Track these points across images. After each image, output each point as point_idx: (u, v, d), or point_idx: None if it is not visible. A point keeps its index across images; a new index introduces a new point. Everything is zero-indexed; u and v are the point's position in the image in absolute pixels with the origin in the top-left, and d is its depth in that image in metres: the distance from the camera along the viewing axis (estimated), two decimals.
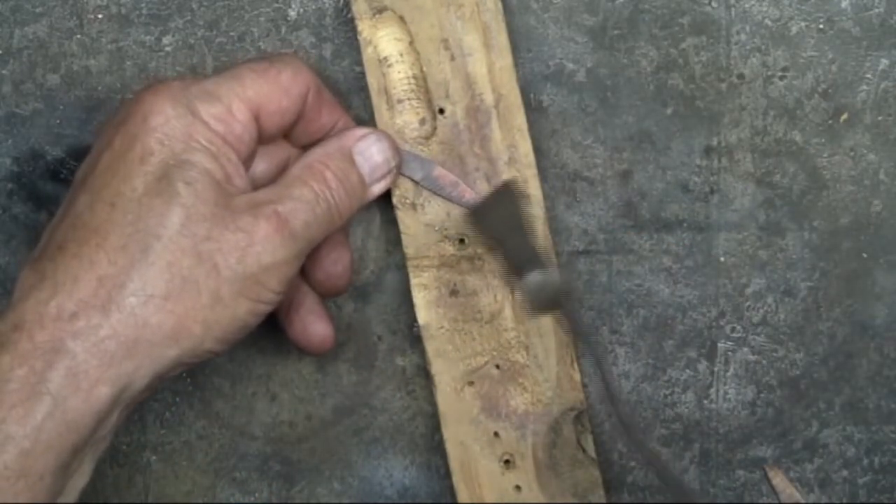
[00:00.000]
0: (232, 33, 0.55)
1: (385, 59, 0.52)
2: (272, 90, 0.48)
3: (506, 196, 0.53)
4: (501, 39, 0.52)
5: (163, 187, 0.45)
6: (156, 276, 0.44)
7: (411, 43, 0.52)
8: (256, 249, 0.46)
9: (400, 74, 0.53)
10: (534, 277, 0.47)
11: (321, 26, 0.55)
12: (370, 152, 0.51)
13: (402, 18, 0.52)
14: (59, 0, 0.55)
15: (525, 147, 0.53)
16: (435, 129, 0.53)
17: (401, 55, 0.52)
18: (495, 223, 0.52)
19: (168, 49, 0.55)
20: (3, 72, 0.55)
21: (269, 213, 0.46)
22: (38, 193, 0.56)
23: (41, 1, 0.55)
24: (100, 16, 0.55)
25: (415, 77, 0.53)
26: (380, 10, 0.52)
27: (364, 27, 0.52)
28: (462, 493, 0.55)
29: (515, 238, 0.51)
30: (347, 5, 0.54)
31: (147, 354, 0.45)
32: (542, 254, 0.51)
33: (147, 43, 0.55)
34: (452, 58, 0.52)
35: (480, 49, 0.52)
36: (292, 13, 0.55)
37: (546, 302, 0.48)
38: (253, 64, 0.49)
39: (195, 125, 0.46)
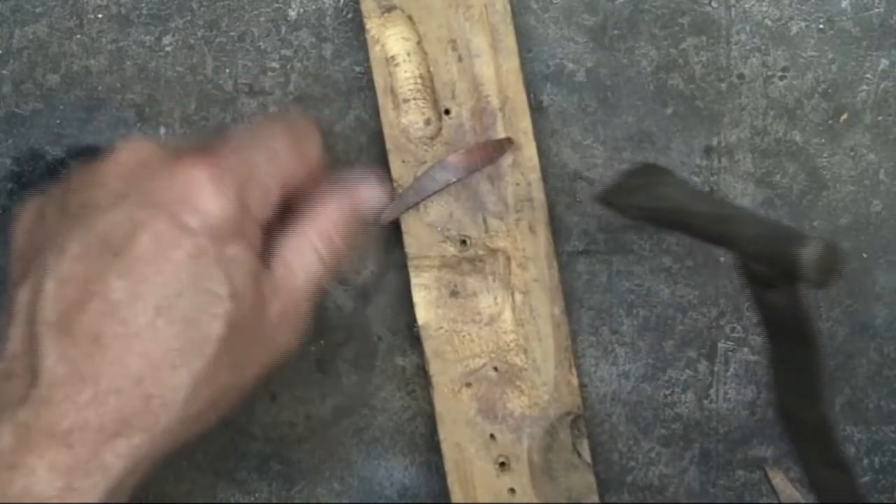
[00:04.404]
0: (232, 33, 0.55)
1: (392, 58, 0.52)
2: (300, 172, 0.48)
3: (653, 172, 0.52)
4: (509, 42, 0.52)
5: (210, 298, 0.43)
6: (196, 396, 0.43)
7: (419, 43, 0.52)
8: (280, 350, 0.47)
9: (407, 74, 0.53)
10: (814, 250, 0.44)
11: (321, 26, 0.55)
12: (374, 203, 0.51)
13: (410, 18, 0.52)
14: (59, 0, 0.55)
15: (530, 150, 0.53)
16: (440, 129, 0.53)
17: (408, 55, 0.52)
18: (660, 197, 0.50)
19: (168, 49, 0.55)
20: (3, 72, 0.55)
21: (294, 323, 0.47)
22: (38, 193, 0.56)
23: (41, 1, 0.55)
24: (100, 16, 0.55)
25: (421, 77, 0.53)
26: (388, 9, 0.52)
27: (372, 25, 0.52)
28: (456, 495, 0.55)
29: (707, 204, 0.49)
30: (348, 5, 0.54)
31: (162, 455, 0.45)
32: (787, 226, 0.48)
33: (147, 43, 0.55)
34: (460, 59, 0.52)
35: (488, 51, 0.52)
36: (292, 13, 0.55)
37: (829, 271, 0.42)
38: (281, 139, 0.47)
39: (246, 221, 0.44)
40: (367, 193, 0.51)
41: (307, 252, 0.48)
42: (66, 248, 0.43)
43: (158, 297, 0.42)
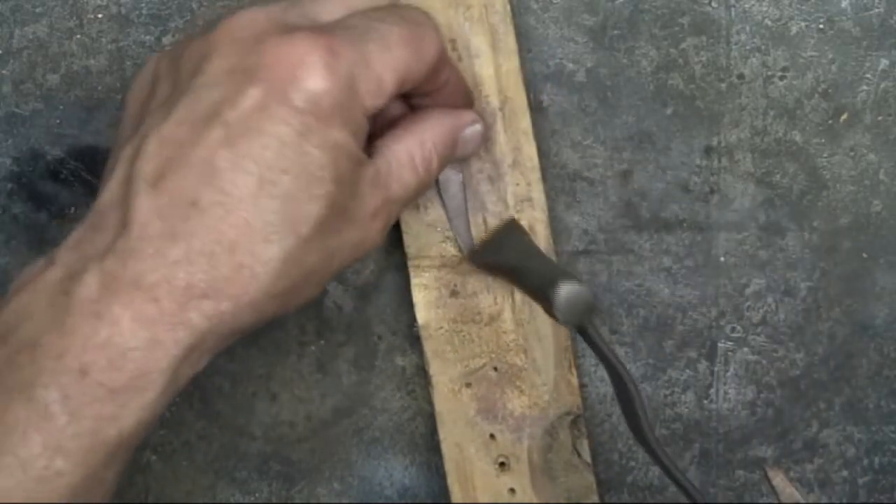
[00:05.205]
0: None
1: None
2: (415, 60, 0.45)
3: (509, 232, 0.53)
4: (509, 42, 0.52)
5: (313, 179, 0.42)
6: (285, 273, 0.43)
7: None
8: (366, 247, 0.46)
9: None
10: (565, 288, 0.47)
11: None
12: (471, 145, 0.50)
13: None
14: (59, 0, 0.55)
15: (529, 150, 0.53)
16: None
17: None
18: (506, 254, 0.52)
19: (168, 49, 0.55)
20: (3, 72, 0.55)
21: (385, 221, 0.46)
22: (38, 193, 0.56)
23: (41, 1, 0.55)
24: (100, 16, 0.55)
25: None
26: None
27: None
28: (456, 495, 0.55)
29: (535, 261, 0.51)
30: None
31: (241, 329, 0.44)
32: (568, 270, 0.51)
33: (147, 43, 0.55)
34: (460, 59, 0.52)
35: (487, 51, 0.52)
36: None
37: (578, 314, 0.47)
38: (397, 27, 0.45)
39: (354, 107, 0.43)
40: (472, 122, 0.50)
41: (406, 157, 0.47)
42: (172, 112, 0.43)
43: (262, 171, 0.42)
